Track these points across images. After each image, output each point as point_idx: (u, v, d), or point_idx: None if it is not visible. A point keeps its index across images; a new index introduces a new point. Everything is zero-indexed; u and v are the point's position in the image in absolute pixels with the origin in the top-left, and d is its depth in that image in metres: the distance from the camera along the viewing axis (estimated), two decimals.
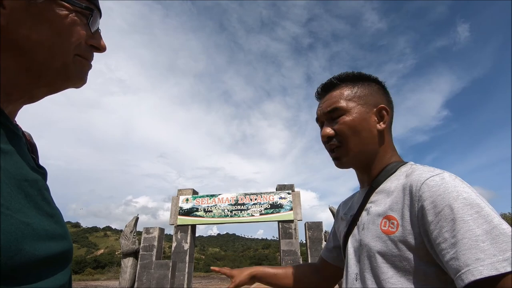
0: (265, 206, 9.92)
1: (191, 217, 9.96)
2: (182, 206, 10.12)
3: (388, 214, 0.65)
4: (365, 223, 0.71)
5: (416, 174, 0.65)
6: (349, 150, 0.75)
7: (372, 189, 0.75)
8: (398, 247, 0.61)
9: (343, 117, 0.76)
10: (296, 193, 10.10)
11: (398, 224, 0.62)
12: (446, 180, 0.58)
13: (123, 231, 9.68)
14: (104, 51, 0.51)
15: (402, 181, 0.68)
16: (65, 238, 0.40)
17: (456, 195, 0.55)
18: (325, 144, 0.80)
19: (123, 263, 9.23)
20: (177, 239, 9.70)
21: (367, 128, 0.76)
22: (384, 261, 0.63)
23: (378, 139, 0.77)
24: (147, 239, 9.48)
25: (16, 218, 0.32)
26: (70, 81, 0.48)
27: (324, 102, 0.81)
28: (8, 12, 0.39)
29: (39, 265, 0.34)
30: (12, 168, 0.35)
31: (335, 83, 0.81)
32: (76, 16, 0.45)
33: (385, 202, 0.69)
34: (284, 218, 9.68)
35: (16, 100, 0.44)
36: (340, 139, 0.76)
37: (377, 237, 0.65)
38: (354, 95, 0.77)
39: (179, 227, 9.85)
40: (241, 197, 10.14)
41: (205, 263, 76.23)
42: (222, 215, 9.93)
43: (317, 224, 9.63)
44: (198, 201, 10.18)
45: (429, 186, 0.59)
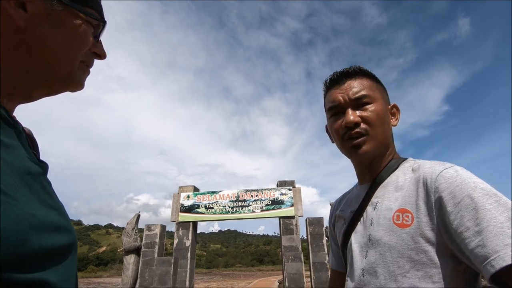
0: (266, 202, 9.94)
1: (192, 214, 10.00)
2: (183, 203, 10.15)
3: (402, 207, 0.65)
4: (374, 218, 0.70)
5: (427, 167, 0.65)
6: (374, 139, 0.74)
7: (376, 184, 0.75)
8: (414, 239, 0.60)
9: (371, 105, 0.75)
10: (297, 189, 10.12)
11: (413, 217, 0.62)
12: (460, 172, 0.60)
13: (125, 228, 9.73)
14: (104, 59, 0.55)
15: (410, 175, 0.69)
16: (69, 231, 0.41)
17: (473, 185, 0.56)
18: (345, 132, 0.76)
19: (125, 260, 9.29)
20: (178, 236, 9.74)
21: (388, 122, 0.78)
22: (400, 255, 0.62)
23: (391, 135, 0.79)
24: (148, 236, 9.52)
25: (21, 208, 0.33)
26: (70, 86, 0.51)
27: (348, 88, 0.77)
28: (29, 16, 0.41)
29: (45, 256, 0.35)
30: (15, 161, 0.36)
31: (357, 71, 0.79)
32: (87, 26, 0.49)
33: (395, 196, 0.68)
34: (285, 214, 9.71)
35: (15, 99, 0.46)
36: (367, 127, 0.73)
37: (391, 231, 0.64)
38: (377, 88, 0.79)
39: (180, 224, 9.89)
40: (242, 194, 10.16)
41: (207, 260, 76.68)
42: (223, 211, 9.96)
43: (318, 219, 9.66)
44: (199, 198, 10.21)
45: (445, 178, 0.59)
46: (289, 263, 9.05)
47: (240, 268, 63.87)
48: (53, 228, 0.37)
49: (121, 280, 9.16)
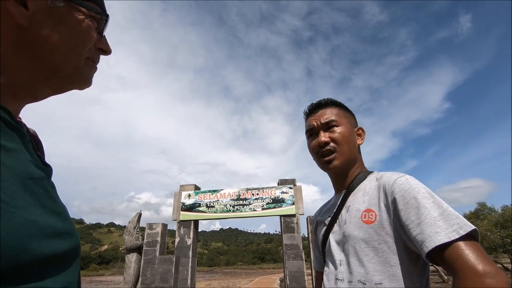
0: (267, 201, 9.96)
1: (193, 213, 10.02)
2: (185, 202, 10.17)
3: (367, 208, 0.84)
4: (347, 218, 0.88)
5: (386, 176, 0.85)
6: (341, 155, 0.94)
7: (349, 192, 0.94)
8: (377, 233, 0.79)
9: (337, 127, 0.96)
10: (298, 187, 10.13)
11: (376, 215, 0.81)
12: (409, 180, 0.79)
13: (126, 227, 9.76)
14: (110, 54, 0.54)
15: (374, 183, 0.89)
16: (72, 235, 0.40)
17: (417, 190, 0.76)
18: (318, 150, 0.97)
19: (127, 259, 9.32)
20: (180, 234, 9.77)
21: (353, 141, 0.98)
22: (366, 245, 0.80)
23: (357, 151, 1.00)
24: (150, 235, 9.55)
25: (21, 216, 0.32)
26: (77, 83, 0.50)
27: (319, 115, 0.99)
28: (31, 14, 0.41)
29: (46, 263, 0.34)
30: (16, 166, 0.35)
31: (328, 102, 1.02)
32: (90, 21, 0.48)
33: (363, 200, 0.88)
34: (286, 213, 9.72)
35: (21, 99, 0.45)
36: (335, 145, 0.94)
37: (360, 227, 0.83)
38: (343, 115, 1.00)
39: (182, 223, 9.92)
40: (243, 192, 10.17)
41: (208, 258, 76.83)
42: (224, 210, 9.98)
43: None
44: (200, 197, 10.23)
45: (398, 184, 0.79)
46: (290, 261, 9.07)
47: (241, 266, 64.02)
48: (55, 233, 0.36)
49: (123, 278, 9.20)
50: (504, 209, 20.06)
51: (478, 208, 23.36)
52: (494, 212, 21.32)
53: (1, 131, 0.36)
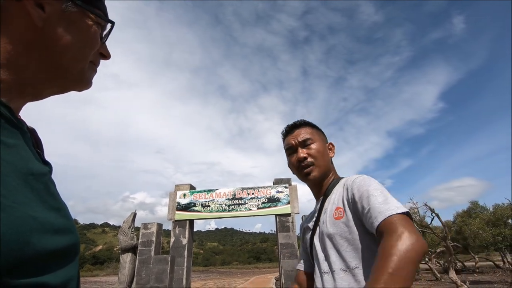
0: (263, 200, 9.97)
1: (189, 212, 9.99)
2: (180, 201, 10.14)
3: (337, 206, 1.01)
4: (324, 219, 1.04)
5: (349, 178, 1.05)
6: (319, 167, 1.10)
7: (325, 198, 1.10)
8: (346, 225, 0.95)
9: (313, 144, 1.13)
10: (293, 186, 10.16)
11: (344, 211, 0.98)
12: (364, 177, 0.98)
13: (121, 227, 9.69)
14: (109, 59, 0.58)
15: (341, 185, 1.07)
16: (72, 231, 0.41)
17: (369, 183, 0.94)
18: (298, 164, 1.12)
19: (122, 259, 9.26)
20: (175, 234, 9.74)
21: (326, 154, 1.15)
22: (340, 238, 0.95)
23: (330, 163, 1.18)
24: (145, 235, 9.50)
25: (22, 211, 0.33)
26: (80, 85, 0.53)
27: (296, 134, 1.15)
28: (46, 16, 0.43)
29: (47, 259, 0.35)
30: (17, 162, 0.36)
31: (302, 123, 1.19)
32: (97, 27, 0.51)
33: (333, 200, 1.05)
34: (282, 212, 9.75)
35: (24, 97, 0.47)
36: (313, 159, 1.10)
37: (333, 224, 0.98)
38: (316, 133, 1.18)
39: (177, 222, 9.89)
40: (238, 192, 10.18)
41: (204, 258, 76.64)
42: (219, 209, 9.97)
43: None
44: (195, 196, 10.21)
45: (355, 182, 0.98)
46: (286, 260, 9.10)
47: (237, 265, 63.99)
48: (55, 230, 0.37)
49: (118, 278, 9.14)
50: (495, 208, 20.35)
51: (471, 206, 23.67)
52: (486, 211, 21.63)
53: (2, 127, 0.36)
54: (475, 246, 19.65)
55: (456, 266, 14.20)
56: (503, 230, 17.83)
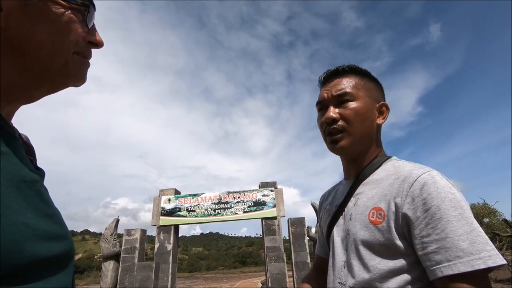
0: (248, 204, 9.97)
1: (173, 217, 9.85)
2: (164, 207, 9.97)
3: (377, 205, 0.70)
4: (353, 213, 0.75)
5: (406, 170, 0.70)
6: (351, 136, 0.77)
7: (358, 181, 0.79)
8: (384, 236, 0.66)
9: (351, 102, 0.78)
10: (279, 190, 10.22)
11: (385, 215, 0.67)
12: (435, 180, 0.64)
13: (103, 234, 9.43)
14: (102, 47, 0.51)
15: (390, 175, 0.73)
16: (65, 238, 0.40)
17: (444, 196, 0.61)
18: (325, 127, 0.81)
19: (104, 267, 8.99)
20: (159, 240, 9.56)
21: (370, 119, 0.80)
22: (371, 249, 0.68)
23: (375, 132, 0.82)
24: (128, 241, 9.27)
25: (15, 218, 0.32)
26: (70, 80, 0.48)
27: (333, 86, 0.82)
28: (6, 13, 0.38)
29: (41, 265, 0.34)
30: (10, 169, 0.35)
31: (346, 70, 0.84)
32: (72, 14, 0.44)
33: (372, 194, 0.73)
34: (267, 215, 9.78)
35: (15, 101, 0.44)
36: (344, 124, 0.78)
37: (365, 227, 0.70)
38: (363, 86, 0.81)
39: (161, 228, 9.71)
40: (224, 196, 10.13)
41: (189, 263, 75.42)
42: (205, 214, 9.89)
43: (299, 220, 9.80)
44: (180, 201, 10.07)
45: (420, 184, 0.64)
46: (272, 263, 9.11)
47: (222, 270, 63.35)
48: (48, 236, 0.36)
49: (99, 287, 8.86)
50: (471, 208, 21.20)
51: None
52: None
53: None
54: None
55: None
56: None
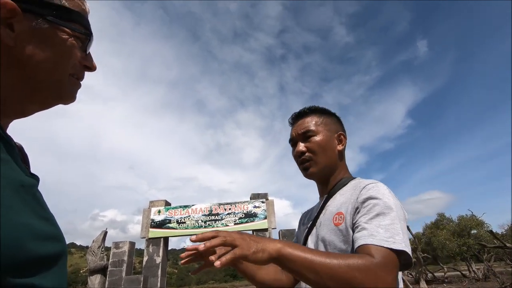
0: (240, 216, 9.92)
1: (163, 229, 9.69)
2: (154, 218, 9.82)
3: (339, 210, 0.90)
4: (322, 221, 0.95)
5: (361, 182, 0.91)
6: (317, 163, 0.98)
7: (329, 197, 1.00)
8: (343, 234, 0.84)
9: (314, 137, 0.99)
10: (270, 201, 10.21)
11: (344, 217, 0.86)
12: (378, 186, 0.85)
13: (90, 247, 9.20)
14: (95, 71, 0.58)
15: (350, 188, 0.94)
16: (60, 240, 0.44)
17: (381, 197, 0.81)
18: (297, 159, 1.02)
19: (90, 281, 8.73)
20: (148, 252, 9.37)
21: (331, 148, 1.00)
22: (335, 247, 0.85)
23: (337, 157, 1.02)
24: (116, 254, 9.06)
25: (17, 219, 0.36)
26: (62, 99, 0.53)
27: (298, 126, 1.04)
28: (16, 34, 0.44)
29: (39, 263, 0.38)
30: (10, 175, 0.39)
31: (307, 112, 1.05)
32: (75, 40, 0.51)
33: (336, 203, 0.93)
34: (259, 227, 9.73)
35: (10, 115, 0.48)
36: (311, 154, 0.99)
37: (331, 229, 0.89)
38: (322, 122, 1.02)
39: (150, 240, 9.53)
40: (215, 207, 10.06)
41: (178, 277, 73.41)
42: (195, 226, 9.77)
43: (291, 231, 9.77)
44: (170, 213, 9.95)
45: (367, 189, 0.85)
46: None
47: (213, 284, 61.89)
48: (45, 237, 0.40)
49: None
50: (460, 219, 21.56)
51: (438, 218, 24.87)
52: (452, 222, 22.82)
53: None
54: (443, 257, 20.52)
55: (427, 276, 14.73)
56: (467, 240, 18.85)
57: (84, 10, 0.55)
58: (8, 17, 0.43)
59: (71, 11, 0.51)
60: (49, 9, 0.48)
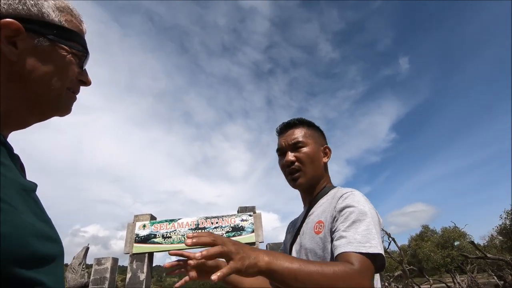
0: (227, 229, 9.80)
1: (148, 244, 9.44)
2: (139, 233, 9.57)
3: (319, 219, 0.95)
4: (305, 230, 1.00)
5: (339, 191, 0.97)
6: (306, 174, 1.03)
7: (312, 206, 1.05)
8: (323, 242, 0.89)
9: (303, 148, 1.04)
10: (258, 215, 10.16)
11: (324, 226, 0.91)
12: (354, 194, 0.91)
13: (70, 264, 8.83)
14: (89, 85, 0.63)
15: (330, 197, 1.00)
16: (58, 242, 0.47)
17: (356, 205, 0.86)
18: (285, 168, 1.06)
19: None
20: (132, 269, 9.06)
21: (318, 160, 1.06)
22: (315, 255, 0.90)
23: (323, 169, 1.09)
24: (98, 271, 8.72)
25: (23, 217, 0.39)
26: (58, 111, 0.58)
27: (287, 136, 1.08)
28: (19, 51, 0.49)
29: (41, 261, 0.41)
30: (13, 178, 0.42)
31: (296, 123, 1.10)
32: (72, 57, 0.56)
33: (317, 212, 0.99)
34: (246, 241, 9.61)
35: (9, 127, 0.52)
36: (300, 164, 1.03)
37: (312, 238, 0.93)
38: (310, 135, 1.08)
39: (134, 256, 9.25)
40: (202, 221, 9.91)
41: None
42: (182, 240, 9.56)
43: (278, 245, 9.70)
44: (156, 227, 9.72)
45: (344, 197, 0.90)
46: None
47: None
48: (46, 237, 0.43)
49: None
50: (443, 231, 22.00)
51: (423, 230, 25.32)
52: (436, 234, 23.25)
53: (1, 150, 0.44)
54: (428, 269, 20.76)
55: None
56: (451, 251, 19.19)
57: (81, 30, 0.60)
58: (12, 36, 0.48)
59: (69, 31, 0.56)
60: (50, 29, 0.53)
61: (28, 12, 0.50)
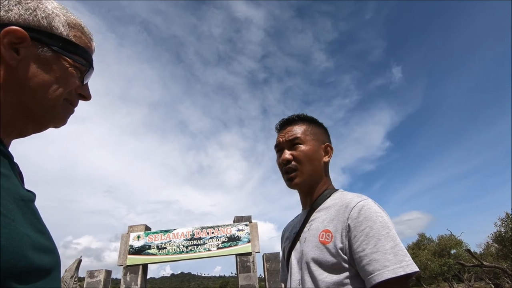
0: (223, 240, 9.68)
1: (142, 256, 9.26)
2: (133, 244, 9.40)
3: (326, 228, 0.86)
4: (307, 237, 0.91)
5: (348, 198, 0.88)
6: (303, 173, 0.95)
7: (312, 210, 0.96)
8: (331, 253, 0.81)
9: (301, 146, 0.97)
10: (254, 224, 10.07)
11: (333, 236, 0.83)
12: (370, 206, 0.82)
13: (62, 277, 8.60)
14: (89, 100, 0.63)
15: (336, 203, 0.91)
16: (54, 253, 0.46)
17: (375, 218, 0.79)
18: (282, 167, 0.99)
19: None
20: (125, 281, 8.86)
21: (317, 158, 0.98)
22: (320, 265, 0.83)
23: (323, 169, 1.01)
24: (90, 284, 8.51)
25: (20, 229, 0.39)
26: (54, 121, 0.57)
27: (286, 132, 1.01)
28: (21, 58, 0.49)
29: (37, 273, 0.41)
30: (12, 189, 0.42)
31: (296, 119, 1.04)
32: (74, 70, 0.56)
33: (323, 219, 0.90)
34: (242, 251, 9.50)
35: (9, 135, 0.52)
36: (297, 163, 0.96)
37: (316, 246, 0.85)
38: (310, 132, 1.01)
39: (128, 268, 9.06)
40: (197, 231, 9.79)
41: None
42: (177, 251, 9.42)
43: (275, 255, 9.60)
44: (150, 238, 9.57)
45: (358, 209, 0.82)
46: None
47: None
48: (42, 249, 0.43)
49: None
50: (440, 239, 21.99)
51: (419, 239, 25.30)
52: (432, 242, 23.24)
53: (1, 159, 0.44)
54: (426, 278, 20.65)
55: None
56: (448, 260, 19.15)
57: (89, 47, 0.61)
58: (16, 42, 0.48)
59: (76, 45, 0.57)
60: (56, 40, 0.53)
61: (37, 23, 0.51)
